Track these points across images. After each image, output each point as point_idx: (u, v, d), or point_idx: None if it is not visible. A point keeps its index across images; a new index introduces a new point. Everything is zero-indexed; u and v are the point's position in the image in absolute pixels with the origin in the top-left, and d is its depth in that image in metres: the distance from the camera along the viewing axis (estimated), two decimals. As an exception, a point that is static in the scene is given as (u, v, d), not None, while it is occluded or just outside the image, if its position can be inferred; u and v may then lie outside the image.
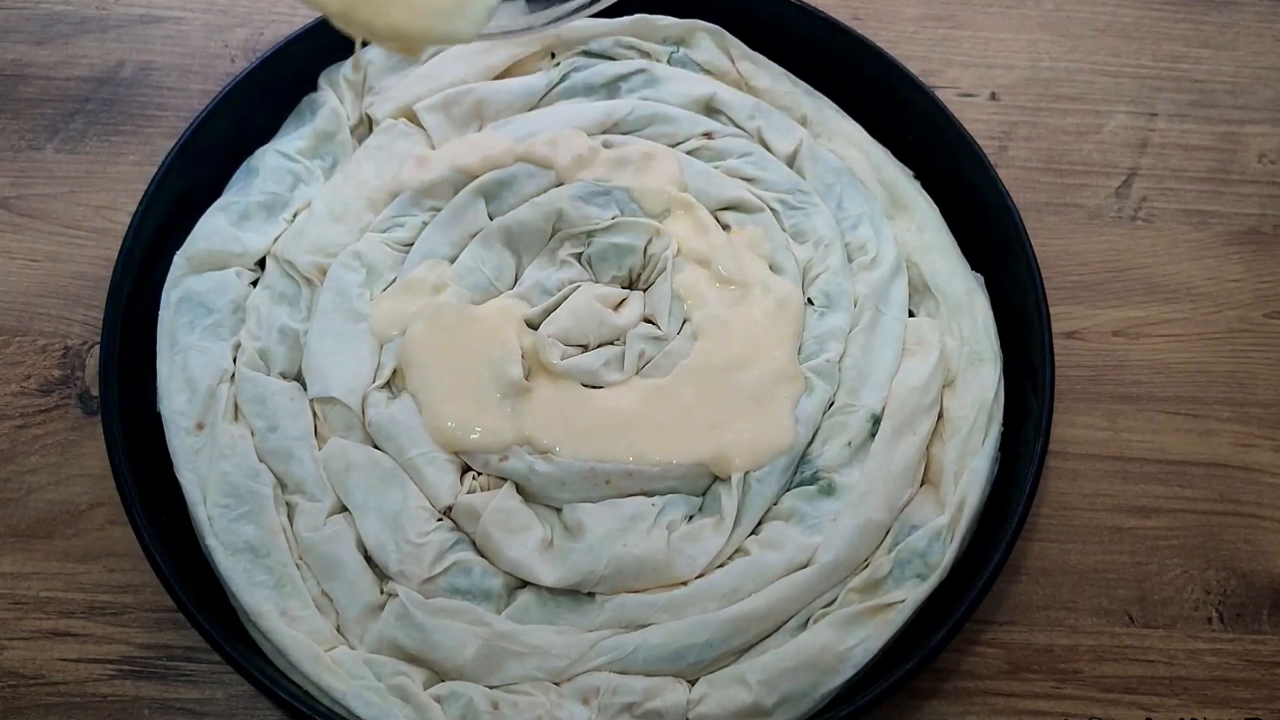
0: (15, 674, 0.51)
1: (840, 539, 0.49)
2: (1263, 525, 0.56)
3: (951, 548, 0.49)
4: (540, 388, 0.52)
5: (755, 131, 0.60)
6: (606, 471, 0.50)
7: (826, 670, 0.47)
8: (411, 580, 0.48)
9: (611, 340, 0.54)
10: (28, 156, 0.63)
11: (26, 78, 0.66)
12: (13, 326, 0.59)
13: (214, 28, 0.68)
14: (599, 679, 0.47)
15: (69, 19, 0.68)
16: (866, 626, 0.48)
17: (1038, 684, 0.52)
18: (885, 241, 0.57)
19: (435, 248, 0.55)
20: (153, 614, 0.52)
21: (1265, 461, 0.57)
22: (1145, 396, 0.59)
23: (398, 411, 0.51)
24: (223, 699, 0.50)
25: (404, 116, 0.60)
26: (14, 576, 0.53)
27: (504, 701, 0.46)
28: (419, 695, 0.46)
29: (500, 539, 0.49)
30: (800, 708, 0.47)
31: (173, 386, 0.52)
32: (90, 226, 0.61)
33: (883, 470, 0.51)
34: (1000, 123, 0.67)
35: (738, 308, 0.54)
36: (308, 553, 0.49)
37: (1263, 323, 0.61)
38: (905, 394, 0.53)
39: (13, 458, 0.55)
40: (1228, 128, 0.67)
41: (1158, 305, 0.61)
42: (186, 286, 0.54)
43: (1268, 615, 0.54)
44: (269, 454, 0.51)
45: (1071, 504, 0.56)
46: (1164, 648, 0.53)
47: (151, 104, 0.65)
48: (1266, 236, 0.64)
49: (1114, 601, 0.54)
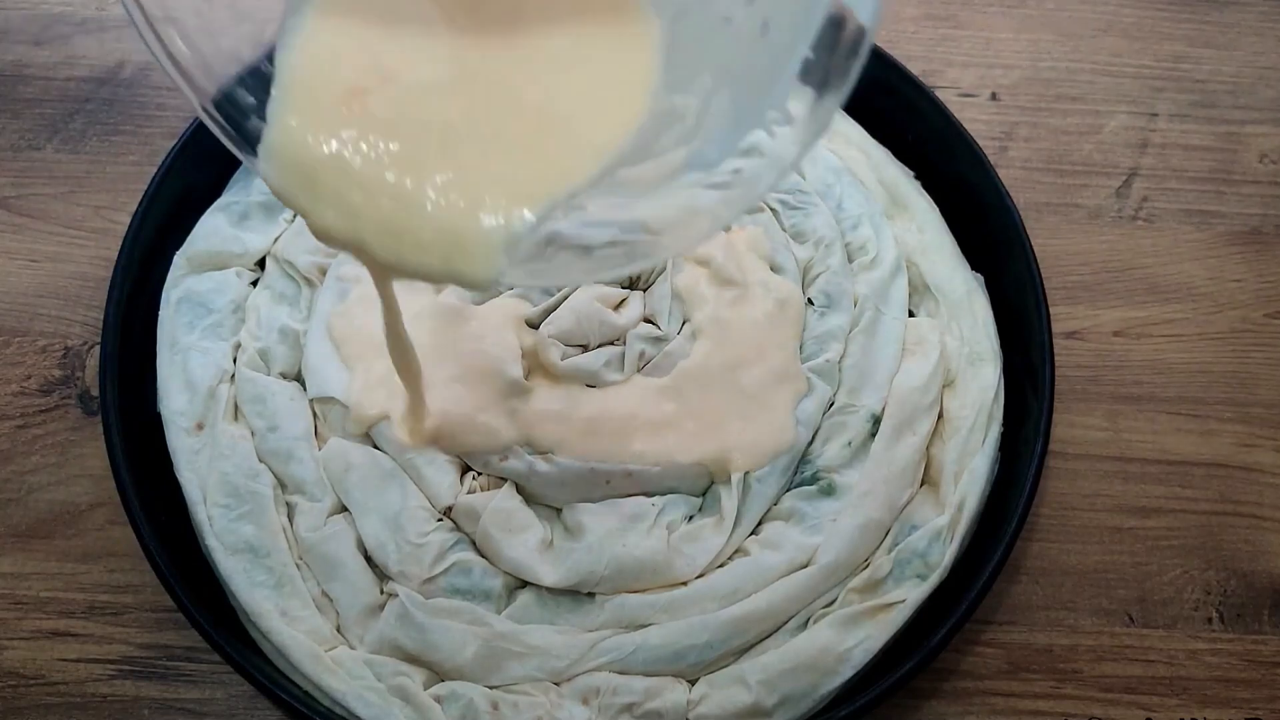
0: (15, 674, 0.51)
1: (840, 539, 0.49)
2: (1263, 525, 0.56)
3: (951, 548, 0.49)
4: (540, 388, 0.52)
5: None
6: (606, 472, 0.50)
7: (826, 670, 0.47)
8: (411, 580, 0.48)
9: (612, 340, 0.54)
10: (28, 156, 0.63)
11: (26, 78, 0.66)
12: (13, 326, 0.59)
13: (214, 28, 0.68)
14: (599, 679, 0.47)
15: (69, 19, 0.68)
16: (866, 626, 0.48)
17: (1038, 684, 0.52)
18: (885, 241, 0.57)
19: (435, 248, 0.55)
20: (153, 614, 0.52)
21: (1266, 462, 0.57)
22: (1146, 396, 0.59)
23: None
24: (223, 699, 0.50)
25: (404, 116, 0.60)
26: (14, 576, 0.53)
27: (504, 702, 0.46)
28: (419, 695, 0.46)
29: (500, 539, 0.49)
30: (800, 708, 0.47)
31: (173, 386, 0.52)
32: (90, 226, 0.61)
33: (883, 470, 0.51)
34: (1000, 123, 0.67)
35: (738, 308, 0.54)
36: (308, 553, 0.49)
37: (1264, 323, 0.61)
38: (905, 394, 0.53)
39: (13, 458, 0.55)
40: (1229, 128, 0.67)
41: (1158, 305, 0.61)
42: (186, 286, 0.54)
43: (1268, 615, 0.54)
44: (269, 454, 0.51)
45: (1071, 504, 0.56)
46: (1164, 648, 0.53)
47: (151, 104, 0.65)
48: (1268, 237, 0.64)
49: (1114, 601, 0.54)
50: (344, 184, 0.34)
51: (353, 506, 0.50)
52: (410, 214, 0.33)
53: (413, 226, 0.33)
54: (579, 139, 0.35)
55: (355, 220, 0.34)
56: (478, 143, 0.34)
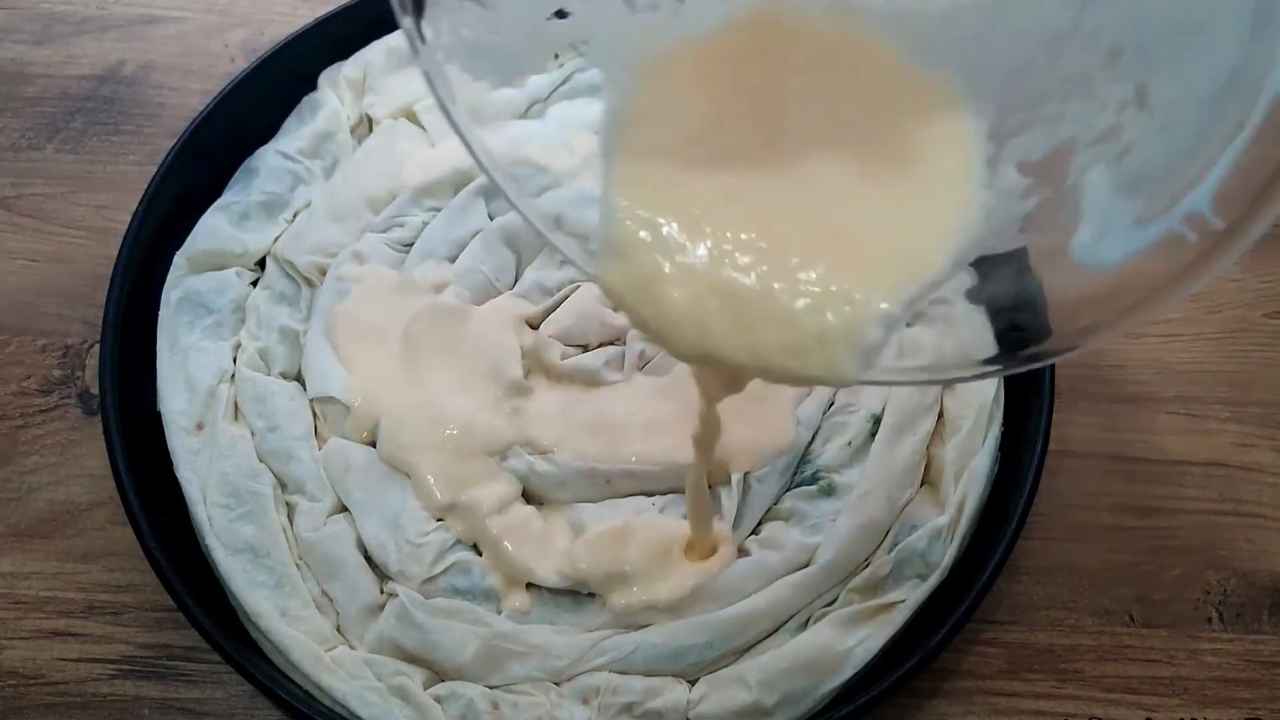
0: (15, 674, 0.51)
1: (840, 539, 0.49)
2: (1263, 525, 0.56)
3: (951, 548, 0.49)
4: (540, 388, 0.52)
5: (755, 131, 0.60)
6: (606, 471, 0.50)
7: (826, 670, 0.47)
8: (411, 580, 0.48)
9: (611, 340, 0.54)
10: (28, 156, 0.63)
11: (27, 77, 0.66)
12: (13, 326, 0.59)
13: (214, 28, 0.68)
14: (599, 679, 0.47)
15: (69, 19, 0.68)
16: (866, 626, 0.48)
17: (1038, 684, 0.52)
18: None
19: (435, 248, 0.55)
20: (153, 614, 0.52)
21: (1265, 461, 0.57)
22: (1145, 396, 0.59)
23: (398, 411, 0.51)
24: (223, 699, 0.50)
25: (404, 116, 0.60)
26: (14, 576, 0.53)
27: (504, 701, 0.46)
28: (419, 695, 0.46)
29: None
30: (800, 708, 0.46)
31: (173, 386, 0.52)
32: (90, 226, 0.61)
33: (883, 470, 0.51)
34: (1000, 123, 0.67)
35: (738, 308, 0.54)
36: (308, 553, 0.49)
37: (1263, 323, 0.61)
38: (905, 394, 0.53)
39: (13, 458, 0.55)
40: (1228, 128, 0.67)
41: (1158, 305, 0.61)
42: (187, 286, 0.54)
43: (1268, 615, 0.54)
44: (269, 454, 0.51)
45: (1071, 504, 0.56)
46: (1164, 648, 0.53)
47: (151, 104, 0.65)
48: (1267, 237, 0.63)
49: (1114, 601, 0.54)
50: (696, 294, 0.32)
51: (353, 506, 0.50)
52: (782, 321, 0.32)
53: (785, 333, 0.32)
54: (920, 238, 0.34)
55: (710, 332, 0.32)
56: (818, 249, 0.33)
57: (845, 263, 0.33)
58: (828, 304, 0.32)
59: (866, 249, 0.33)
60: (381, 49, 0.61)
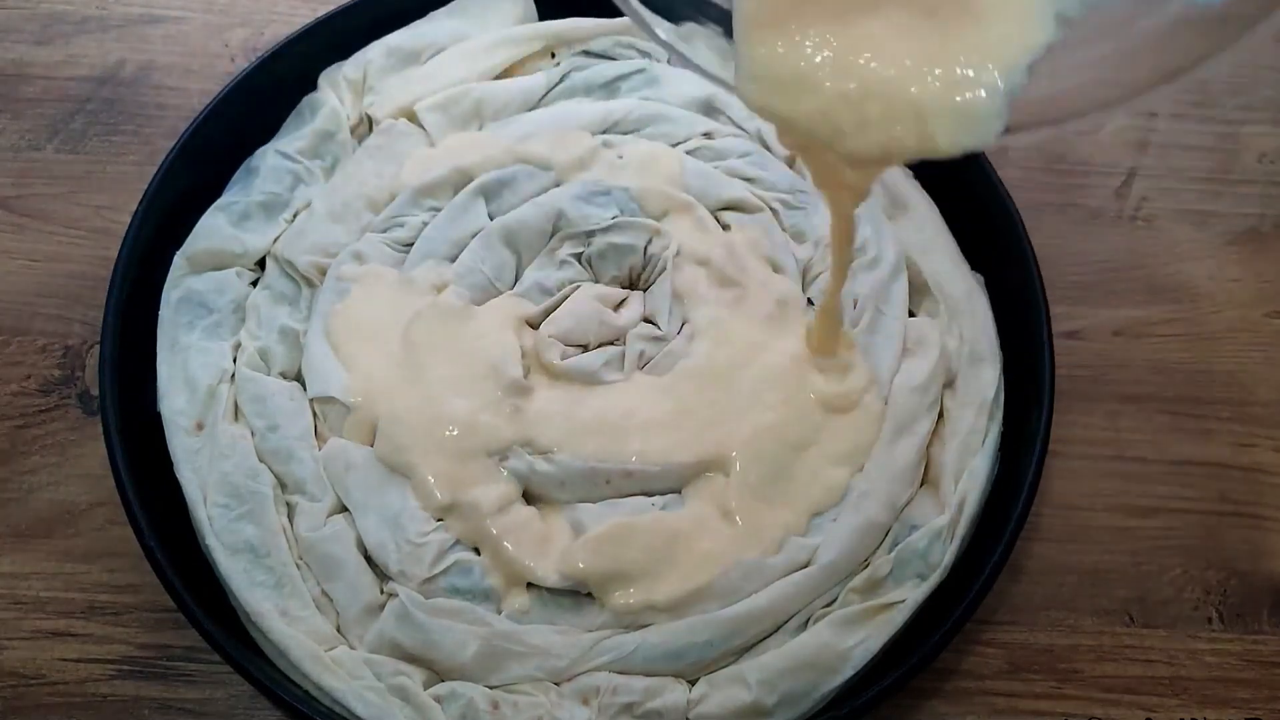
0: (15, 674, 0.51)
1: (840, 539, 0.49)
2: (1263, 525, 0.56)
3: (951, 548, 0.49)
4: (540, 388, 0.52)
5: (755, 131, 0.60)
6: (606, 471, 0.50)
7: (826, 670, 0.47)
8: (411, 580, 0.48)
9: (611, 340, 0.54)
10: (28, 156, 0.63)
11: (27, 77, 0.66)
12: (13, 326, 0.59)
13: (214, 28, 0.68)
14: (599, 679, 0.47)
15: (69, 19, 0.68)
16: (866, 626, 0.48)
17: (1038, 684, 0.52)
18: (886, 241, 0.57)
19: (435, 248, 0.55)
20: (153, 614, 0.52)
21: (1265, 461, 0.57)
22: (1145, 396, 0.59)
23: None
24: (223, 699, 0.50)
25: (404, 116, 0.60)
26: (14, 576, 0.53)
27: (504, 701, 0.46)
28: (419, 695, 0.46)
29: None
30: (800, 708, 0.47)
31: (173, 386, 0.52)
32: (90, 226, 0.61)
33: (883, 470, 0.51)
34: (1000, 123, 0.67)
35: (738, 308, 0.54)
36: (308, 553, 0.49)
37: (1263, 322, 0.61)
38: (905, 394, 0.53)
39: (13, 458, 0.55)
40: (1227, 128, 0.67)
41: (1158, 305, 0.61)
42: (186, 286, 0.54)
43: (1268, 615, 0.54)
44: (269, 454, 0.51)
45: (1071, 504, 0.56)
46: (1164, 648, 0.53)
47: (151, 104, 0.65)
48: (1266, 236, 0.64)
49: (1114, 601, 0.54)
50: (842, 83, 0.35)
51: (353, 506, 0.50)
52: (911, 89, 0.35)
53: (913, 104, 0.35)
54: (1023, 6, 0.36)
55: (864, 112, 0.35)
56: (927, 30, 0.36)
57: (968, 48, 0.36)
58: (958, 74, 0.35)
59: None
60: (381, 49, 0.61)
